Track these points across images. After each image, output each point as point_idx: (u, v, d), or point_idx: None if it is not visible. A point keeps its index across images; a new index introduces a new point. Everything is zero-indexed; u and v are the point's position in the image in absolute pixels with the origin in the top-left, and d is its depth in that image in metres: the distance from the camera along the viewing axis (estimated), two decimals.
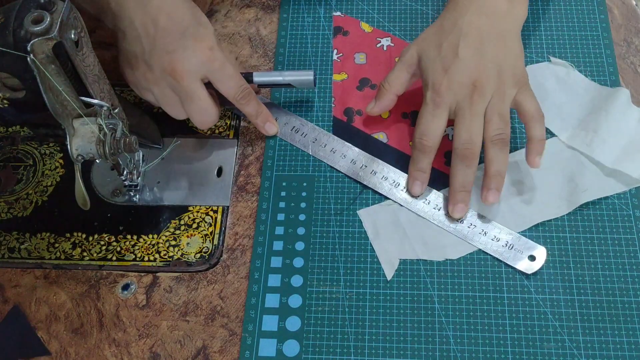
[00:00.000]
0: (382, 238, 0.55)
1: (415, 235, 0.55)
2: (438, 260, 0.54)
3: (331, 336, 0.51)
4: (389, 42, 0.66)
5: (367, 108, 0.59)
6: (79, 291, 0.55)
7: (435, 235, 0.55)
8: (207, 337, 0.52)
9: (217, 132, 0.62)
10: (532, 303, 0.52)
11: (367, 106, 0.59)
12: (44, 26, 0.41)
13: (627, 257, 0.53)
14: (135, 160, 0.58)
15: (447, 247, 0.54)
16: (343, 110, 0.62)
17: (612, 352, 0.49)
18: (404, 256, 0.54)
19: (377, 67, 0.64)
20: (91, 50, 0.47)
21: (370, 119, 0.61)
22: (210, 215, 0.57)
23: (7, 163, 0.60)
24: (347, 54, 0.65)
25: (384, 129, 0.61)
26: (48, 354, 0.52)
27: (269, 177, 0.59)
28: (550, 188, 0.56)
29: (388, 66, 0.64)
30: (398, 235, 0.55)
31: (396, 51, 0.65)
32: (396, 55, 0.64)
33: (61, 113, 0.47)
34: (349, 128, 0.61)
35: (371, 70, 0.64)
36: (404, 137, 0.60)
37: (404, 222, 0.55)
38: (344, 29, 0.67)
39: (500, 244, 0.54)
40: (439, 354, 0.50)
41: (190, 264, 0.55)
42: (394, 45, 0.65)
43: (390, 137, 0.60)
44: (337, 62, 0.65)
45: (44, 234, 0.57)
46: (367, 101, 0.60)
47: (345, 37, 0.66)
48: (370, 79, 0.64)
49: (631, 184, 0.56)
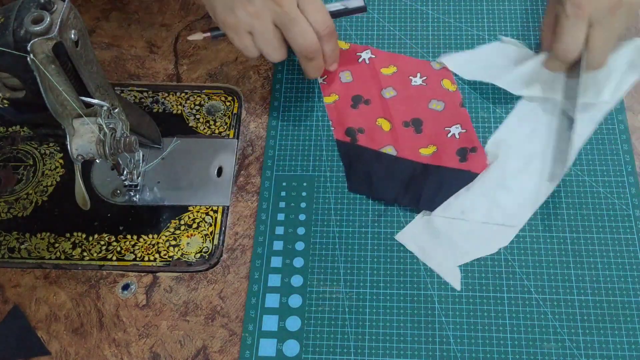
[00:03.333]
0: (430, 253, 0.54)
1: (460, 238, 0.54)
2: (492, 253, 0.54)
3: (331, 336, 0.51)
4: (369, 55, 0.65)
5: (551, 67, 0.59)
6: (79, 291, 0.55)
7: (481, 230, 0.54)
8: (207, 337, 0.52)
9: (217, 132, 0.62)
10: (532, 303, 0.52)
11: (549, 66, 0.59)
12: (44, 26, 0.41)
13: (627, 257, 0.53)
14: (135, 160, 0.58)
15: (496, 236, 0.54)
16: (344, 131, 0.60)
17: (612, 352, 0.50)
18: (460, 262, 0.53)
19: (365, 82, 0.63)
20: (91, 50, 0.47)
21: (375, 133, 0.60)
22: (210, 215, 0.57)
23: (7, 163, 0.60)
24: (331, 75, 0.64)
25: (390, 142, 0.59)
26: (48, 354, 0.52)
27: (269, 177, 0.59)
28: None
29: (375, 79, 0.63)
30: (444, 244, 0.54)
31: (379, 62, 0.64)
32: (380, 67, 0.63)
33: (61, 113, 0.47)
34: (355, 148, 0.59)
35: (360, 86, 0.63)
36: (412, 146, 0.59)
37: (443, 229, 0.55)
38: None
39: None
40: (439, 354, 0.50)
41: (190, 263, 0.55)
42: (375, 57, 0.64)
43: (399, 148, 0.59)
44: (323, 84, 0.63)
45: (44, 234, 0.57)
46: (365, 118, 0.60)
47: None
48: (362, 95, 0.62)
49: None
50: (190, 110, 0.63)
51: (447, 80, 0.63)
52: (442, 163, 0.57)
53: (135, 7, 0.70)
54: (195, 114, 0.62)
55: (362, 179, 0.58)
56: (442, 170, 0.57)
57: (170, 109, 0.63)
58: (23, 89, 0.45)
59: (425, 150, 0.59)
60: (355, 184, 0.58)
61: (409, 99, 0.61)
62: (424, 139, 0.59)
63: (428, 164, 0.58)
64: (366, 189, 0.57)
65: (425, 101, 0.61)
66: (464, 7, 0.67)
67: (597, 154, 0.58)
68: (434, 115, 0.61)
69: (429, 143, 0.59)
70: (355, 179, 0.58)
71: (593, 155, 0.58)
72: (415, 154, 0.58)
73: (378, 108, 0.61)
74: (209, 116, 0.62)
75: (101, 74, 0.49)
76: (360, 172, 0.58)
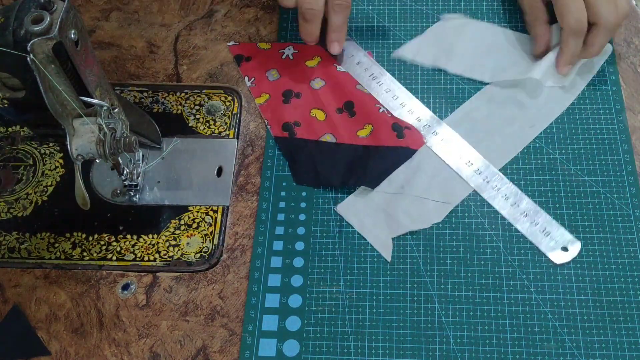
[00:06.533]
0: (368, 226, 0.56)
1: (398, 212, 0.56)
2: (425, 228, 0.55)
3: (331, 336, 0.51)
4: (292, 51, 0.65)
5: (535, 51, 0.62)
6: (79, 291, 0.55)
7: (417, 205, 0.56)
8: (207, 337, 0.52)
9: (217, 132, 0.62)
10: (532, 303, 0.52)
11: (535, 50, 0.62)
12: (43, 26, 0.41)
13: (627, 257, 0.53)
14: (135, 160, 0.58)
15: (430, 212, 0.56)
16: (281, 127, 0.61)
17: (612, 352, 0.50)
18: (394, 234, 0.55)
19: (292, 76, 0.64)
20: (91, 50, 0.47)
21: (311, 124, 0.61)
22: (210, 215, 0.57)
23: (7, 163, 0.60)
24: (258, 76, 0.64)
25: (328, 130, 0.60)
26: (48, 354, 0.52)
27: (269, 177, 0.59)
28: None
29: (302, 72, 0.63)
30: (381, 217, 0.56)
31: (302, 56, 0.64)
32: (305, 60, 0.64)
33: (61, 113, 0.47)
34: (294, 141, 0.60)
35: (288, 81, 0.63)
36: (349, 130, 0.60)
37: (383, 204, 0.56)
38: (245, 55, 0.65)
39: (538, 228, 0.54)
40: (439, 354, 0.50)
41: (190, 263, 0.55)
42: (298, 52, 0.65)
43: (337, 135, 0.60)
44: (253, 87, 0.64)
45: (44, 234, 0.57)
46: (299, 111, 0.61)
47: (249, 62, 0.65)
48: (292, 90, 0.63)
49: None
50: (190, 110, 0.63)
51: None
52: (381, 142, 0.59)
53: (135, 7, 0.70)
54: (195, 114, 0.62)
55: (306, 170, 0.59)
56: (381, 150, 0.58)
57: (170, 109, 0.63)
58: (23, 89, 0.45)
59: (362, 131, 0.60)
60: (300, 176, 0.58)
61: (337, 85, 0.62)
62: (359, 121, 0.60)
63: (368, 145, 0.59)
64: (312, 179, 0.58)
65: (352, 84, 0.62)
66: (464, 7, 0.67)
67: (597, 154, 0.58)
68: (363, 96, 0.62)
69: (365, 123, 0.60)
70: (300, 171, 0.59)
71: (593, 155, 0.58)
72: (353, 138, 0.60)
73: (310, 99, 0.62)
74: (209, 116, 0.62)
75: (101, 74, 0.49)
76: (303, 163, 0.59)
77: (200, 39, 0.67)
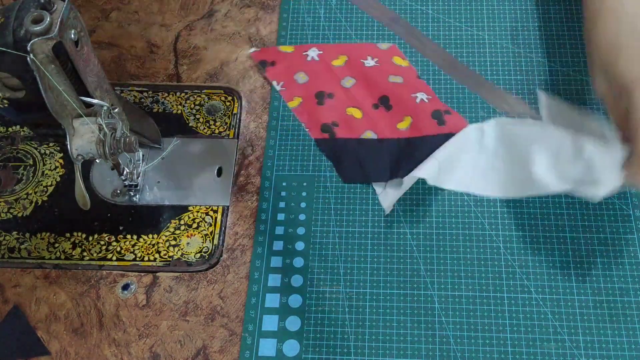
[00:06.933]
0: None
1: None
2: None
3: (331, 336, 0.51)
4: (316, 52, 0.65)
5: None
6: (79, 291, 0.55)
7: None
8: (207, 337, 0.52)
9: (217, 132, 0.62)
10: (532, 303, 0.52)
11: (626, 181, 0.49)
12: (44, 26, 0.41)
13: (627, 257, 0.53)
14: (135, 160, 0.58)
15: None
16: (319, 128, 0.61)
17: (612, 352, 0.50)
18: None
19: (321, 78, 0.63)
20: (91, 50, 0.47)
21: (350, 123, 0.60)
22: (210, 215, 0.57)
23: (7, 163, 0.60)
24: (287, 80, 0.64)
25: (367, 126, 0.60)
26: (48, 354, 0.52)
27: (269, 177, 0.59)
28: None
29: (331, 72, 0.63)
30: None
31: (327, 56, 0.64)
32: (330, 59, 0.64)
33: (61, 113, 0.47)
34: (336, 142, 0.60)
35: (318, 83, 0.63)
36: (389, 125, 0.60)
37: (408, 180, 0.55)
38: (268, 60, 0.65)
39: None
40: (439, 354, 0.50)
41: (190, 263, 0.55)
42: (322, 52, 0.65)
43: (378, 131, 0.60)
44: (283, 91, 0.63)
45: (44, 234, 0.57)
46: (335, 112, 0.61)
47: (274, 67, 0.64)
48: (324, 91, 0.62)
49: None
50: (190, 110, 0.63)
51: (398, 57, 0.64)
52: (423, 132, 0.58)
53: (135, 7, 0.70)
54: (195, 114, 0.62)
55: (353, 169, 0.58)
56: (425, 140, 0.58)
57: (170, 109, 0.63)
58: (23, 89, 0.45)
59: (402, 124, 0.59)
60: (348, 176, 0.58)
61: (368, 81, 0.62)
62: (397, 114, 0.60)
63: (410, 137, 0.58)
64: (360, 176, 0.58)
65: (384, 77, 0.62)
66: (464, 7, 0.67)
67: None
68: (397, 87, 0.61)
69: (403, 115, 0.60)
70: (347, 171, 0.58)
71: None
72: (394, 131, 0.59)
73: (343, 99, 0.62)
74: (209, 116, 0.62)
75: (101, 74, 0.49)
76: (349, 163, 0.59)
77: (200, 39, 0.67)
